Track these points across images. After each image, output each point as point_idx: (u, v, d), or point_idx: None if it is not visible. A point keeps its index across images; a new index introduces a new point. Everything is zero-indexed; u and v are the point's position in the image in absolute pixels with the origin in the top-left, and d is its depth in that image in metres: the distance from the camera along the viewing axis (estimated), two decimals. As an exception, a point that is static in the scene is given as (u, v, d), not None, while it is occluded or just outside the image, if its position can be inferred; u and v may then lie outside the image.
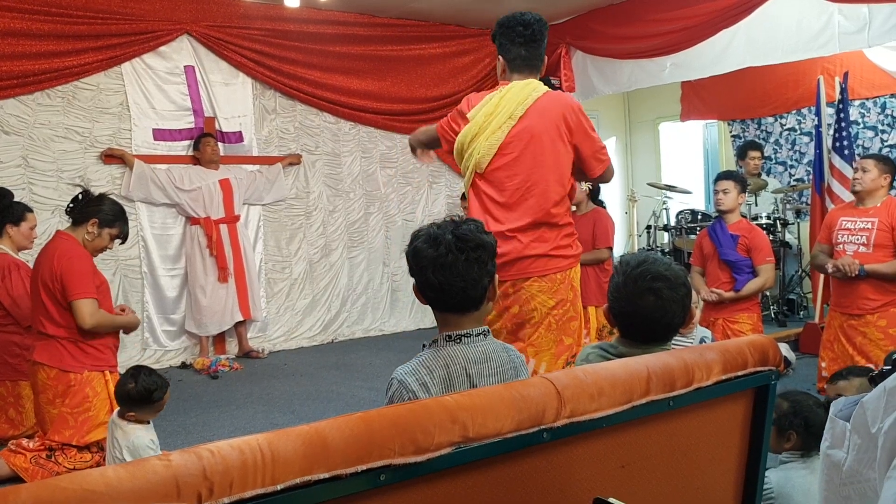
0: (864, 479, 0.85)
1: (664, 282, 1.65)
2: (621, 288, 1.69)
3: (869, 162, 3.98)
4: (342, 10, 6.24)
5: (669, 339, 1.75)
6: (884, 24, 4.65)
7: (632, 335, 1.72)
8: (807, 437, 2.17)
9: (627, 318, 1.70)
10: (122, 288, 5.41)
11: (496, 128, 2.64)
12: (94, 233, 3.35)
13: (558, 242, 2.68)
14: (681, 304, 1.68)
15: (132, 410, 2.66)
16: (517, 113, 2.62)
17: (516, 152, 2.64)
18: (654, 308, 1.65)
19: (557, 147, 2.64)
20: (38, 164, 5.11)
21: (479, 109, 2.69)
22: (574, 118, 2.66)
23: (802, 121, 6.79)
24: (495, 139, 2.64)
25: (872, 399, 0.84)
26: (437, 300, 1.66)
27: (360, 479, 0.89)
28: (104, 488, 0.74)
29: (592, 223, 5.59)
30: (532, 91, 2.65)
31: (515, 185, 2.66)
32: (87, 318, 3.23)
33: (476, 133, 2.68)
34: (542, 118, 2.62)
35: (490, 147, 2.65)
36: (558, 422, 1.06)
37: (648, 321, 1.67)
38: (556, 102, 2.66)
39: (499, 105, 2.65)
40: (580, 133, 2.67)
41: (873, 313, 3.90)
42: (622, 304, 1.70)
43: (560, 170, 2.67)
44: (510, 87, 2.68)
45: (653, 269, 1.67)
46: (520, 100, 2.64)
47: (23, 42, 4.95)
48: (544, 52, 2.76)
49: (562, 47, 6.90)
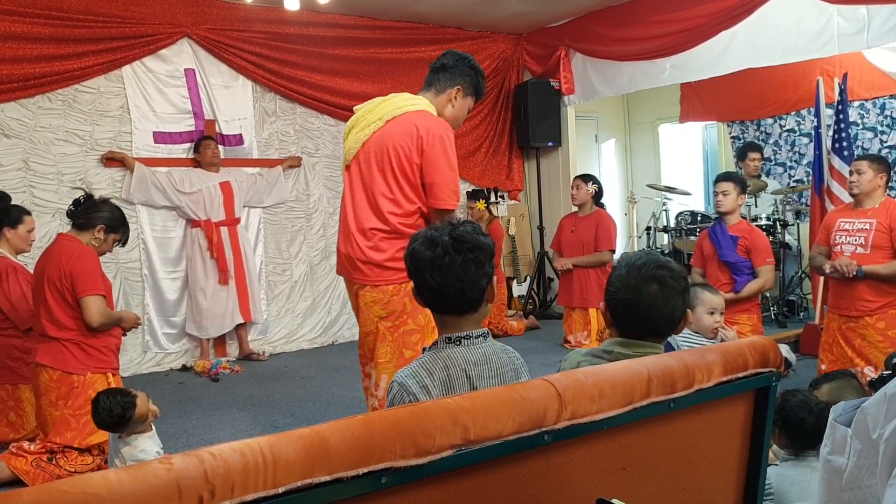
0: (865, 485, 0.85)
1: (668, 271, 1.67)
2: (624, 277, 1.68)
3: (863, 163, 3.97)
4: (342, 12, 6.25)
5: (668, 335, 1.74)
6: (883, 26, 4.66)
7: (631, 329, 1.68)
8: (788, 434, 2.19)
9: (629, 308, 1.67)
10: (123, 291, 5.42)
11: (364, 126, 2.76)
12: (100, 238, 3.39)
13: (394, 254, 2.67)
14: (682, 297, 1.68)
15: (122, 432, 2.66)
16: (385, 118, 2.73)
17: (371, 156, 2.74)
18: (658, 296, 1.64)
19: (403, 163, 2.70)
20: (38, 167, 5.11)
21: (365, 106, 2.83)
22: (430, 143, 2.69)
23: (802, 122, 6.79)
24: (362, 136, 2.76)
25: (873, 404, 0.84)
26: (435, 302, 1.66)
27: (362, 482, 0.89)
28: (105, 492, 0.74)
29: (595, 225, 5.60)
30: (410, 105, 2.76)
31: (363, 187, 2.75)
32: (96, 316, 3.27)
33: (352, 126, 2.82)
34: (402, 131, 2.70)
35: (355, 143, 2.78)
36: (559, 424, 1.06)
37: (651, 310, 1.65)
38: (422, 122, 2.71)
39: (378, 107, 2.78)
40: (429, 159, 2.69)
41: (871, 315, 3.89)
42: (624, 294, 1.67)
43: (402, 185, 2.71)
44: (398, 95, 2.82)
45: (656, 260, 1.70)
46: (394, 108, 2.74)
47: (23, 46, 4.96)
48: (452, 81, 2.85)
49: (561, 49, 6.91)
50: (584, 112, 7.70)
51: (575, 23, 6.79)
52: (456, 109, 2.88)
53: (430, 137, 2.67)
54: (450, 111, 2.87)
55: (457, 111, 2.89)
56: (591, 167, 7.91)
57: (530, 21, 6.89)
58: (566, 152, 7.21)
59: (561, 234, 5.87)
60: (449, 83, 2.86)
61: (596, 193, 5.68)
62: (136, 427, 2.66)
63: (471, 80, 2.89)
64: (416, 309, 2.65)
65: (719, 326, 3.02)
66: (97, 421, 2.65)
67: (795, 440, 2.20)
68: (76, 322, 3.31)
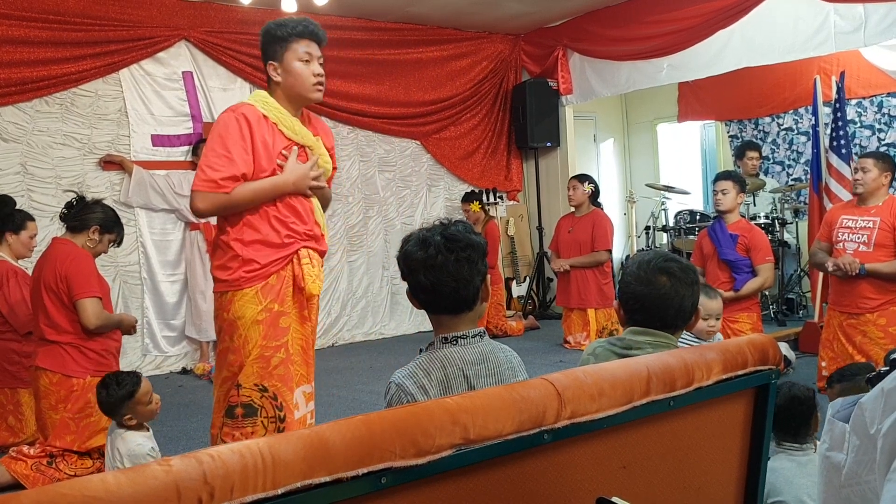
0: (864, 480, 0.85)
1: (676, 263, 1.78)
2: (635, 272, 1.79)
3: (868, 161, 3.98)
4: (340, 14, 6.25)
5: (680, 328, 1.80)
6: (880, 24, 4.67)
7: (643, 322, 1.76)
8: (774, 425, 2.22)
9: (640, 300, 1.76)
10: (122, 294, 5.41)
11: None
12: (95, 239, 3.39)
13: (215, 262, 2.61)
14: (691, 289, 1.77)
15: (125, 413, 2.67)
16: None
17: None
18: (667, 287, 1.74)
19: None
20: (36, 171, 5.11)
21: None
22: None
23: (799, 120, 6.80)
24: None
25: (870, 400, 0.84)
26: (429, 302, 1.67)
27: (362, 482, 0.89)
28: (104, 494, 0.73)
29: (591, 225, 5.60)
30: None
31: None
32: (92, 318, 3.26)
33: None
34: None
35: None
36: (559, 423, 1.06)
37: (662, 301, 1.74)
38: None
39: None
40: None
41: (873, 312, 3.90)
42: (635, 287, 1.77)
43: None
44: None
45: (664, 254, 1.82)
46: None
47: (21, 49, 4.96)
48: (265, 64, 2.63)
49: (559, 50, 6.92)
50: (582, 112, 7.71)
51: (572, 23, 6.80)
52: (284, 80, 2.57)
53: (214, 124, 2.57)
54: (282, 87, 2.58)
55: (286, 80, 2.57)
56: (589, 167, 7.92)
57: (528, 21, 6.90)
58: (565, 152, 7.22)
59: (558, 235, 5.87)
60: (265, 71, 2.62)
61: (592, 193, 5.68)
62: (142, 415, 2.70)
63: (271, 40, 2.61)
64: (232, 327, 2.53)
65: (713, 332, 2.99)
66: (103, 398, 2.68)
67: (779, 430, 2.22)
68: (74, 325, 3.30)
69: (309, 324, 2.72)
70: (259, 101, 2.59)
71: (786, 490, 2.12)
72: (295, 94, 2.59)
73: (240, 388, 2.51)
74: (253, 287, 2.52)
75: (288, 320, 2.58)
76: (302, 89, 2.59)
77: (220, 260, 2.57)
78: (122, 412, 2.67)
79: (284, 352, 2.56)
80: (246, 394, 2.51)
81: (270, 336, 2.52)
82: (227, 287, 2.55)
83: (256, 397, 2.51)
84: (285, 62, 2.59)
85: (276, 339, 2.54)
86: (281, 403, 2.54)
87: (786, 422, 2.22)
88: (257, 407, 2.51)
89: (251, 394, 2.51)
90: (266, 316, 2.52)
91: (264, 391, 2.52)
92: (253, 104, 2.57)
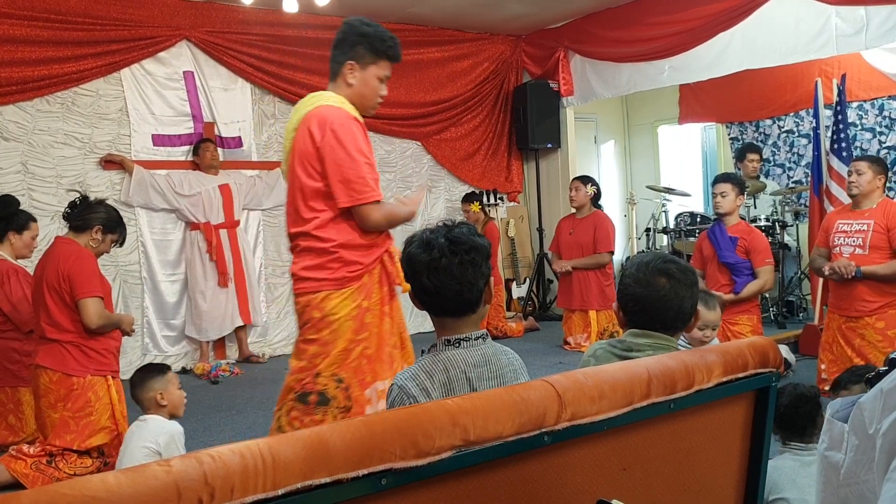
0: (862, 480, 0.85)
1: (675, 265, 1.78)
2: (633, 274, 1.78)
3: (862, 164, 3.99)
4: (341, 14, 6.25)
5: (680, 329, 1.80)
6: (881, 27, 4.67)
7: (643, 324, 1.76)
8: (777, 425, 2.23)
9: (639, 302, 1.76)
10: (122, 293, 5.41)
11: (286, 138, 2.68)
12: (98, 239, 3.40)
13: (307, 263, 2.58)
14: (690, 290, 1.76)
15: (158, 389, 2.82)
16: (292, 125, 2.63)
17: (289, 165, 2.64)
18: (666, 289, 1.73)
19: (306, 165, 2.54)
20: (37, 170, 5.11)
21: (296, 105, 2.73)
22: (320, 133, 2.49)
23: (800, 123, 6.80)
24: (287, 143, 2.67)
25: (869, 400, 0.84)
26: (432, 304, 1.66)
27: (362, 483, 0.89)
28: (105, 494, 0.74)
29: (593, 227, 5.60)
30: (310, 104, 2.59)
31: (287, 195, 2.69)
32: (94, 318, 3.27)
33: (285, 138, 2.73)
34: (302, 133, 2.56)
35: (286, 149, 2.69)
36: (559, 425, 1.06)
37: (661, 302, 1.73)
38: (313, 121, 2.52)
39: (296, 110, 2.68)
40: (326, 150, 2.49)
41: (871, 315, 3.90)
42: (634, 289, 1.77)
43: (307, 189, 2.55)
44: (313, 94, 2.66)
45: (663, 255, 1.83)
46: (299, 113, 2.62)
47: (22, 48, 4.96)
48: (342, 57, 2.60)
49: (560, 51, 6.92)
50: (583, 114, 7.71)
51: (573, 24, 6.80)
52: (358, 87, 2.59)
53: (321, 134, 2.48)
54: (352, 91, 2.59)
55: (359, 88, 2.60)
56: (590, 169, 7.92)
57: (529, 23, 6.90)
58: (565, 154, 7.22)
59: (559, 236, 5.87)
60: (339, 63, 2.60)
61: (594, 195, 5.68)
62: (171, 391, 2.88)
63: (365, 46, 2.58)
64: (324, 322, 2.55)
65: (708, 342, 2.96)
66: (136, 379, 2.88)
67: (784, 430, 2.23)
68: (75, 324, 3.31)
69: (388, 319, 2.74)
70: (345, 104, 2.60)
71: (790, 489, 2.12)
72: (359, 102, 2.64)
73: (318, 376, 2.57)
74: (352, 287, 2.59)
75: (370, 316, 2.65)
76: (368, 103, 2.67)
77: (314, 261, 2.58)
78: (156, 387, 2.80)
79: (364, 346, 2.62)
80: (323, 382, 2.57)
81: (358, 330, 2.60)
82: (322, 286, 2.57)
83: (332, 387, 2.57)
84: (367, 73, 2.62)
85: (361, 333, 2.61)
86: (350, 395, 2.60)
87: (791, 421, 2.22)
88: (330, 397, 2.58)
89: (328, 383, 2.57)
90: (357, 312, 2.60)
91: (340, 382, 2.58)
92: (341, 106, 2.58)
